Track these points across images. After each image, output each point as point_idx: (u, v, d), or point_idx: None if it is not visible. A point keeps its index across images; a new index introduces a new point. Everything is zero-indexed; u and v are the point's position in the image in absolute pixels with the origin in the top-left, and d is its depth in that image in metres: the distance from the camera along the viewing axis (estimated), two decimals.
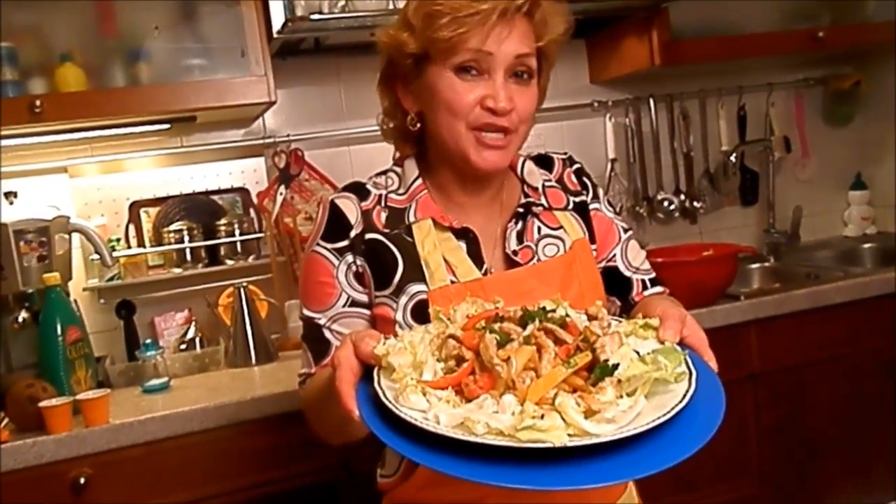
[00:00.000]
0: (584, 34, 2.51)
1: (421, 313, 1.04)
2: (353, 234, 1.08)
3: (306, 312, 1.12)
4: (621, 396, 0.76)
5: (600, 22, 2.37)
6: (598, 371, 0.79)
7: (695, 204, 2.67)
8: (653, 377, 0.78)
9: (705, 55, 2.34)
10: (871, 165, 2.85)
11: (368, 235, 1.08)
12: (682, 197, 2.67)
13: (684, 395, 0.76)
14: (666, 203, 2.65)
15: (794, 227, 2.69)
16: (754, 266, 2.61)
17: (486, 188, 1.13)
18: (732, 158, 2.61)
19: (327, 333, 1.09)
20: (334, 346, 1.08)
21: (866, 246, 2.74)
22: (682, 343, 0.85)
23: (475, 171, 1.06)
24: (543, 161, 1.22)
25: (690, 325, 0.88)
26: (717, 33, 2.34)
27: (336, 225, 1.09)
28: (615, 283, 1.19)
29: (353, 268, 1.09)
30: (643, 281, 1.20)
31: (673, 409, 0.74)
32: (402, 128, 1.12)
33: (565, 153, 1.25)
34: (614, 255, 1.21)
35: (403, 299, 1.06)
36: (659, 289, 1.21)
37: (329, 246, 1.09)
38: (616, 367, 0.79)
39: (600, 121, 2.59)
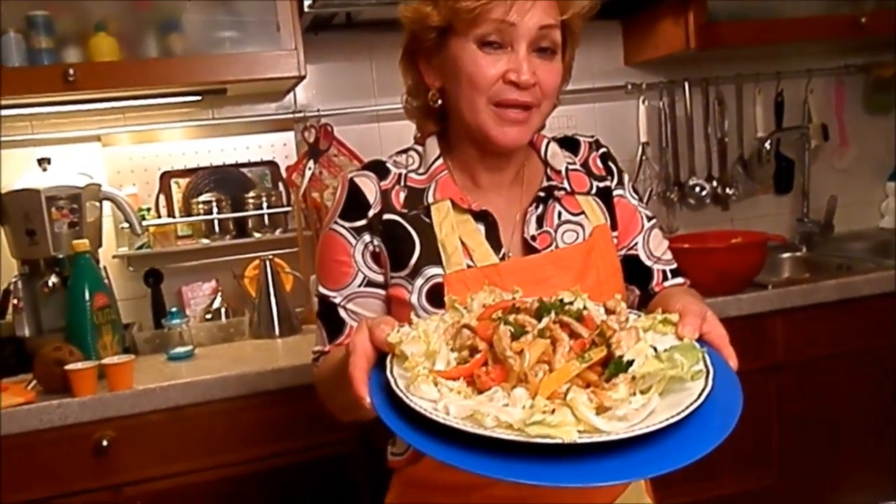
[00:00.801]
0: (620, 15, 2.47)
1: (436, 297, 1.03)
2: (371, 213, 1.07)
3: (322, 290, 1.12)
4: (634, 394, 0.75)
5: (636, 3, 2.33)
6: (612, 367, 0.78)
7: (727, 190, 2.63)
8: (668, 375, 0.77)
9: (742, 39, 2.29)
10: None
11: (386, 216, 1.08)
12: (715, 183, 2.63)
13: (700, 395, 0.74)
14: (697, 189, 2.61)
15: (828, 217, 2.63)
16: (785, 255, 2.56)
17: (507, 166, 1.12)
18: (767, 145, 2.56)
19: (342, 312, 1.09)
20: (349, 325, 1.09)
21: None
22: (701, 339, 0.83)
23: (495, 147, 1.05)
24: (569, 143, 1.20)
25: (711, 320, 0.86)
26: (756, 17, 2.29)
27: (354, 203, 1.08)
28: (635, 272, 1.17)
29: (371, 247, 1.08)
30: (664, 272, 1.18)
31: (687, 408, 0.72)
32: (425, 105, 1.11)
33: (592, 136, 1.23)
34: (636, 244, 1.18)
35: (419, 281, 1.05)
36: (679, 280, 1.19)
37: (347, 225, 1.08)
38: (630, 363, 0.78)
39: (633, 104, 2.55)
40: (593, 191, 1.16)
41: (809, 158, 2.66)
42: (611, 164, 1.20)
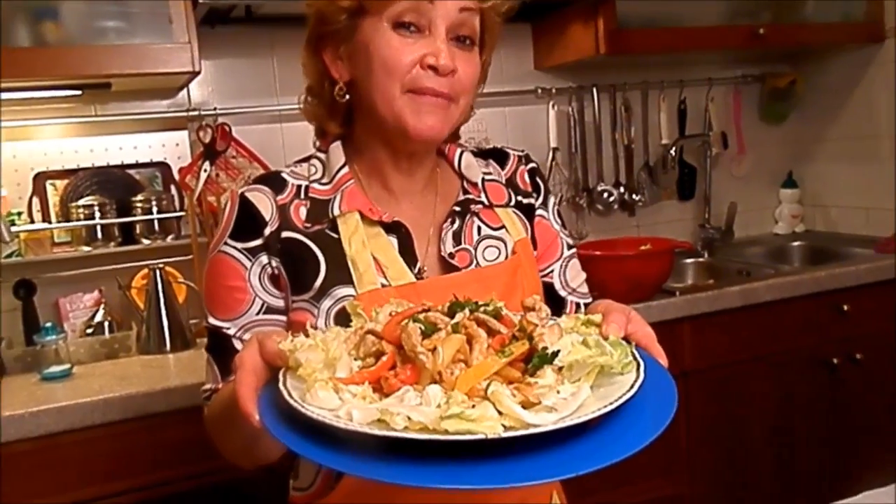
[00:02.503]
0: (531, 18, 2.45)
1: (347, 320, 0.91)
2: (267, 231, 0.96)
3: (213, 321, 0.99)
4: (563, 383, 0.69)
5: (547, 6, 2.31)
6: (536, 360, 0.71)
7: (634, 196, 2.65)
8: (598, 363, 0.71)
9: (650, 46, 2.30)
10: (803, 164, 2.89)
11: (285, 234, 0.97)
12: (622, 189, 2.64)
13: (632, 386, 0.69)
14: (605, 195, 2.62)
15: (729, 223, 2.69)
16: (689, 261, 2.60)
17: (419, 169, 1.03)
18: (672, 152, 2.59)
19: (237, 344, 0.97)
20: None
21: (795, 244, 2.77)
22: (627, 339, 0.78)
23: (411, 140, 0.95)
24: (497, 155, 1.13)
25: (636, 320, 0.81)
26: (662, 25, 2.31)
27: (247, 221, 0.97)
28: (548, 301, 1.08)
29: (268, 270, 0.97)
30: (578, 304, 1.12)
31: (620, 398, 0.67)
32: (329, 102, 1.01)
33: (522, 150, 1.16)
34: (552, 271, 1.11)
35: (326, 303, 0.95)
36: None
37: (239, 245, 0.96)
38: (556, 354, 0.71)
39: (543, 108, 2.53)
40: (512, 203, 1.08)
41: (710, 165, 2.71)
42: (538, 180, 1.13)
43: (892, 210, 2.56)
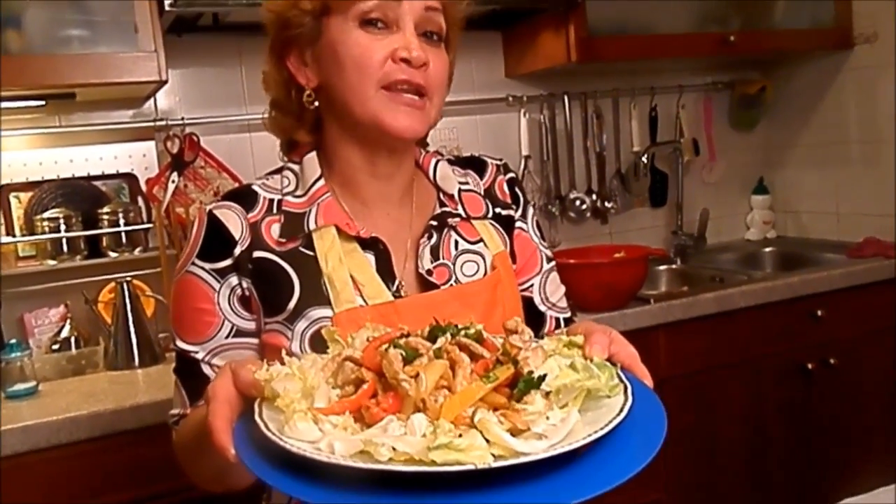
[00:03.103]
0: (501, 26, 2.44)
1: (322, 343, 0.88)
2: (237, 251, 0.93)
3: (180, 345, 0.96)
4: (552, 408, 0.67)
5: (517, 14, 2.31)
6: (522, 384, 0.69)
7: (606, 204, 2.65)
8: (586, 387, 0.70)
9: (621, 53, 2.31)
10: (773, 170, 2.92)
11: (257, 253, 0.94)
12: (594, 197, 2.64)
13: (621, 409, 0.67)
14: (578, 202, 2.62)
15: (701, 230, 2.71)
16: (662, 268, 2.61)
17: (398, 170, 1.00)
18: (644, 159, 2.60)
19: (206, 369, 0.94)
20: None
21: (767, 250, 2.79)
22: (610, 360, 0.77)
23: (388, 140, 0.93)
24: (475, 164, 1.11)
25: (618, 340, 0.80)
26: (633, 32, 2.32)
27: (215, 241, 0.93)
28: (527, 316, 1.06)
29: (238, 291, 0.94)
30: (557, 319, 1.10)
31: (611, 422, 0.65)
32: (297, 111, 0.98)
33: (500, 159, 1.14)
34: (531, 285, 1.09)
35: (301, 325, 0.92)
36: None
37: (207, 266, 0.93)
38: (543, 378, 0.69)
39: (515, 116, 2.53)
40: (489, 215, 1.06)
41: (682, 172, 2.72)
42: (517, 190, 1.11)
43: (862, 215, 2.59)
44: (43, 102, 1.91)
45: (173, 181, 2.08)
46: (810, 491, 2.21)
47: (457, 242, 1.02)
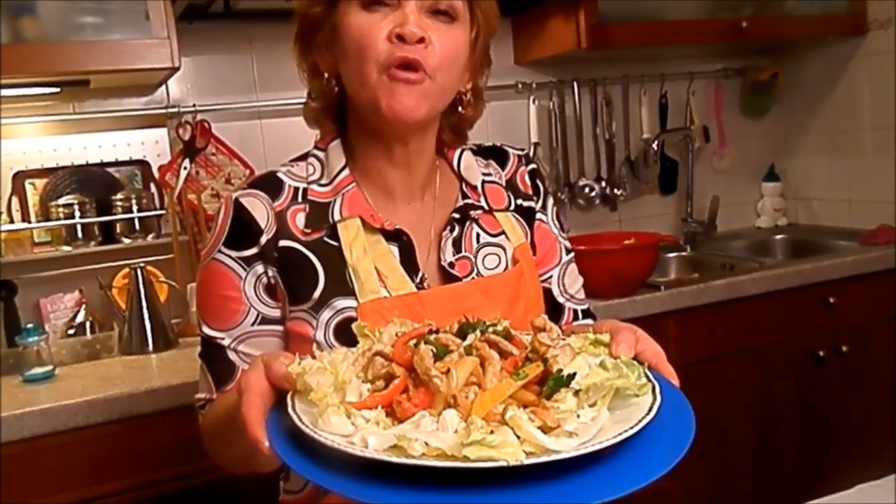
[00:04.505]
0: (510, 12, 2.43)
1: (347, 332, 0.88)
2: (263, 239, 0.93)
3: (206, 330, 0.97)
4: (582, 407, 0.68)
5: (526, 0, 2.30)
6: (552, 382, 0.69)
7: (615, 191, 2.65)
8: (615, 386, 0.70)
9: (631, 39, 2.30)
10: (785, 158, 2.90)
11: (283, 242, 0.94)
12: (603, 184, 2.64)
13: (650, 408, 0.68)
14: (587, 189, 2.62)
15: (712, 217, 2.70)
16: (672, 255, 2.61)
17: (417, 158, 0.99)
18: (653, 146, 2.60)
19: (232, 355, 0.95)
20: (240, 368, 0.95)
21: (778, 237, 2.78)
22: (636, 359, 0.77)
23: (387, 123, 0.92)
24: (497, 154, 1.10)
25: (644, 339, 0.80)
26: (643, 18, 2.31)
27: (242, 229, 0.94)
28: (545, 307, 1.07)
29: (264, 279, 0.94)
30: (575, 310, 1.10)
31: (640, 421, 0.65)
32: (322, 99, 0.99)
33: (522, 149, 1.13)
34: (550, 277, 1.09)
35: (326, 314, 0.92)
36: (589, 321, 1.11)
37: (234, 254, 0.94)
38: (572, 376, 0.70)
39: (524, 103, 2.52)
40: (512, 207, 1.06)
41: (692, 159, 2.72)
42: (539, 182, 1.11)
43: (874, 202, 2.58)
44: (58, 89, 1.93)
45: (185, 168, 2.10)
46: (819, 479, 2.21)
47: (478, 235, 1.02)
